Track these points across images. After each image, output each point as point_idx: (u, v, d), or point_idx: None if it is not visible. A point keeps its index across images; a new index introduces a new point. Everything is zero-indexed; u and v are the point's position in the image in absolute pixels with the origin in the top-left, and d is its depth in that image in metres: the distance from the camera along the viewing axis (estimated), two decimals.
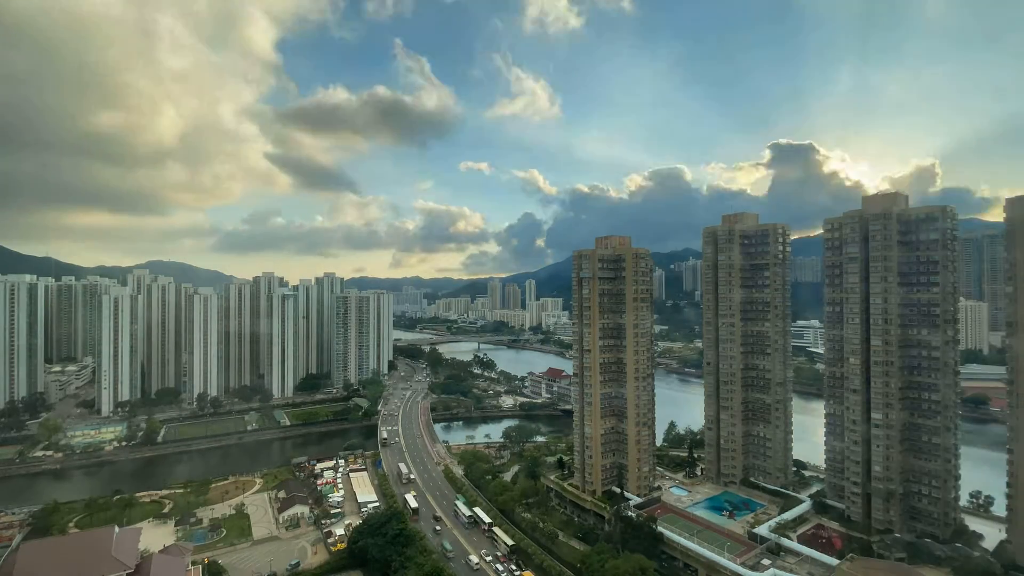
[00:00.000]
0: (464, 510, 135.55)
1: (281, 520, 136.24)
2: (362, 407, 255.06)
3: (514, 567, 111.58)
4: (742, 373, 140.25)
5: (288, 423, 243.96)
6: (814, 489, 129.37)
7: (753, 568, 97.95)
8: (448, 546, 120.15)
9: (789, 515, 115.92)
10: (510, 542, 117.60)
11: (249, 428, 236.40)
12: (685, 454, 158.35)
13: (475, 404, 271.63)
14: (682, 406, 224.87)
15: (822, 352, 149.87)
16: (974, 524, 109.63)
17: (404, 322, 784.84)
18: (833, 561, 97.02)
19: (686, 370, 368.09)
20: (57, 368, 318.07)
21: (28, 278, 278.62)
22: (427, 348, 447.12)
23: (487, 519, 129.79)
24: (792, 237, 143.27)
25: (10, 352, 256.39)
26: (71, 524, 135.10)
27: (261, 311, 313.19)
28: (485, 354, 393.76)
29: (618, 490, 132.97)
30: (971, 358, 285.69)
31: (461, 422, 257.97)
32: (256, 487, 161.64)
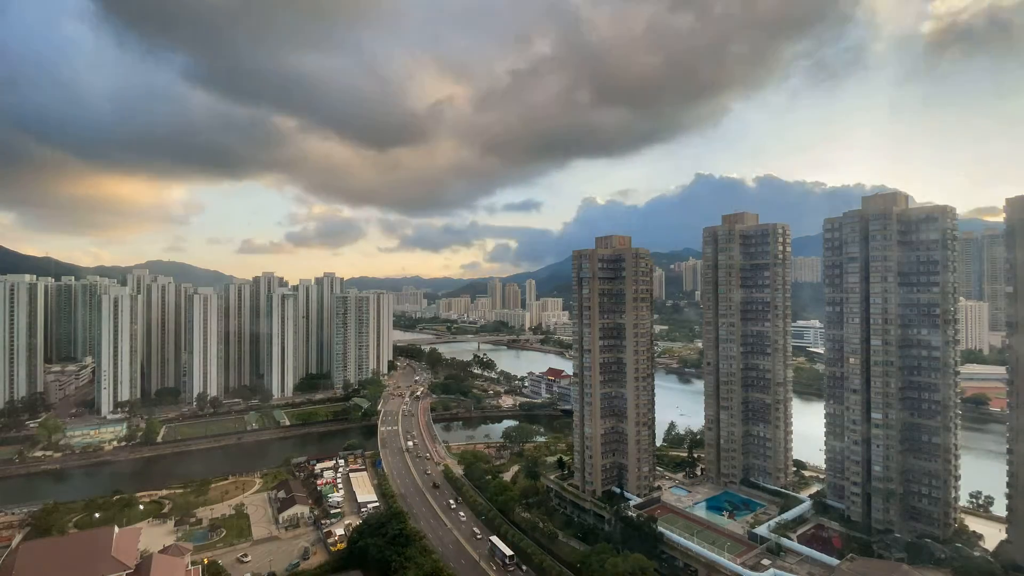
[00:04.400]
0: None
1: (281, 520, 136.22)
2: (362, 407, 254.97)
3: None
4: (742, 373, 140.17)
5: (288, 423, 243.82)
6: (814, 489, 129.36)
7: (753, 568, 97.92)
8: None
9: (789, 515, 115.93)
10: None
11: (249, 428, 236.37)
12: (685, 454, 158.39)
13: (475, 404, 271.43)
14: (682, 406, 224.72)
15: (822, 352, 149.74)
16: (974, 524, 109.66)
17: (404, 322, 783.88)
18: (833, 561, 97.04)
19: (686, 370, 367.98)
20: (57, 368, 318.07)
21: (28, 278, 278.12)
22: (427, 348, 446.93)
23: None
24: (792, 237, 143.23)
25: (10, 352, 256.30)
26: (71, 524, 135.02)
27: (261, 311, 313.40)
28: (485, 354, 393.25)
29: (618, 490, 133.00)
30: (971, 358, 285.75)
31: (461, 422, 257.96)
32: (256, 487, 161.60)
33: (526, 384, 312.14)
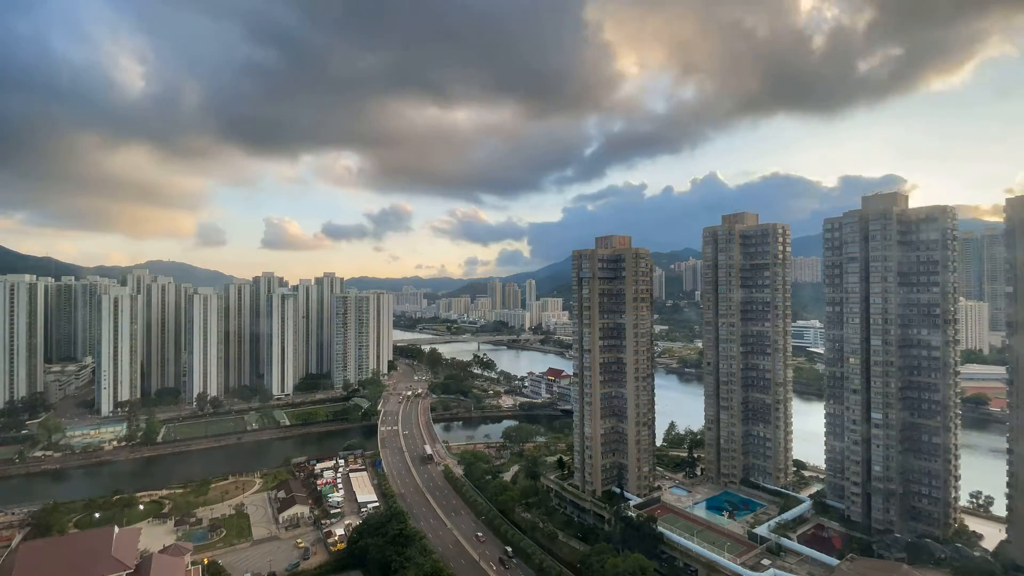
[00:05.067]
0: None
1: (281, 520, 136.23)
2: (362, 407, 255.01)
3: None
4: (742, 373, 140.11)
5: (288, 423, 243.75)
6: (814, 489, 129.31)
7: (753, 568, 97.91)
8: None
9: (789, 515, 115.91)
10: None
11: (249, 428, 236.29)
12: (685, 454, 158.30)
13: (475, 404, 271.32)
14: (682, 406, 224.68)
15: (822, 352, 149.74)
16: (974, 524, 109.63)
17: (404, 322, 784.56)
18: (833, 561, 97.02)
19: (686, 370, 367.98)
20: (57, 368, 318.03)
21: (28, 278, 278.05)
22: (427, 348, 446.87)
23: None
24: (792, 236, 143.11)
25: (10, 352, 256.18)
26: (71, 524, 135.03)
27: (261, 311, 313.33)
28: (485, 354, 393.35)
29: (618, 490, 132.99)
30: (971, 358, 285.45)
31: (461, 422, 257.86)
32: (256, 487, 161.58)
33: (526, 384, 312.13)
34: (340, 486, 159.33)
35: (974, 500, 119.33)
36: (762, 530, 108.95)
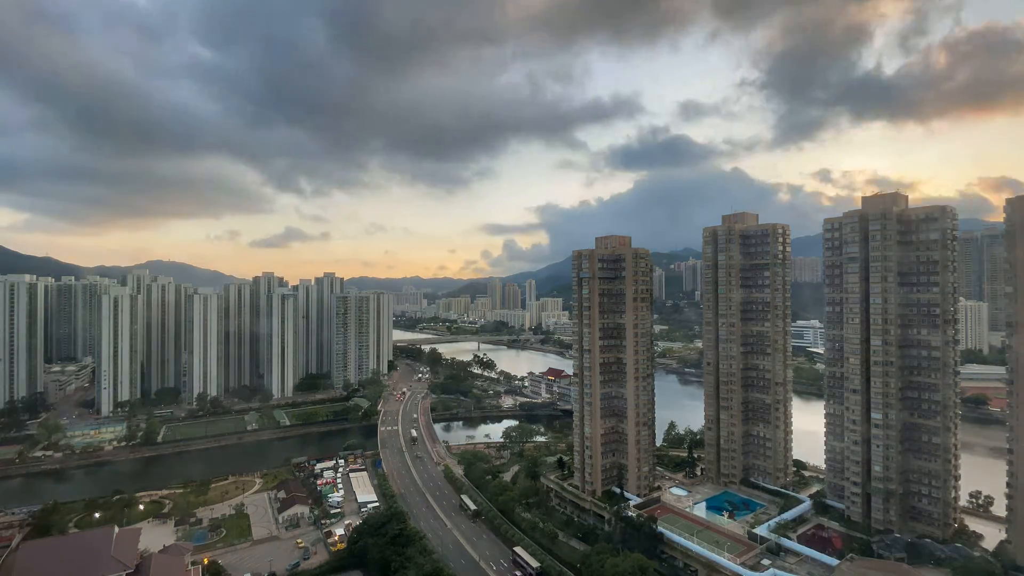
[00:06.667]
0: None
1: (281, 520, 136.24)
2: (362, 407, 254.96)
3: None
4: (742, 373, 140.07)
5: (288, 423, 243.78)
6: (814, 489, 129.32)
7: (753, 568, 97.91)
8: None
9: (789, 515, 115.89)
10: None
11: (249, 428, 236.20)
12: (685, 454, 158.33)
13: (475, 404, 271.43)
14: (682, 406, 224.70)
15: (822, 352, 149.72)
16: (974, 524, 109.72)
17: (404, 322, 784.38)
18: (833, 561, 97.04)
19: (686, 370, 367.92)
20: (57, 368, 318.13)
21: (28, 278, 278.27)
22: (427, 348, 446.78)
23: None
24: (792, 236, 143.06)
25: (10, 352, 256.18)
26: (71, 524, 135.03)
27: (261, 311, 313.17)
28: (485, 354, 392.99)
29: (618, 490, 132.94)
30: (971, 358, 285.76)
31: (461, 422, 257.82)
32: (256, 487, 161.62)
33: (526, 384, 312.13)
34: (340, 486, 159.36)
35: (974, 500, 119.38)
36: (762, 530, 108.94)
